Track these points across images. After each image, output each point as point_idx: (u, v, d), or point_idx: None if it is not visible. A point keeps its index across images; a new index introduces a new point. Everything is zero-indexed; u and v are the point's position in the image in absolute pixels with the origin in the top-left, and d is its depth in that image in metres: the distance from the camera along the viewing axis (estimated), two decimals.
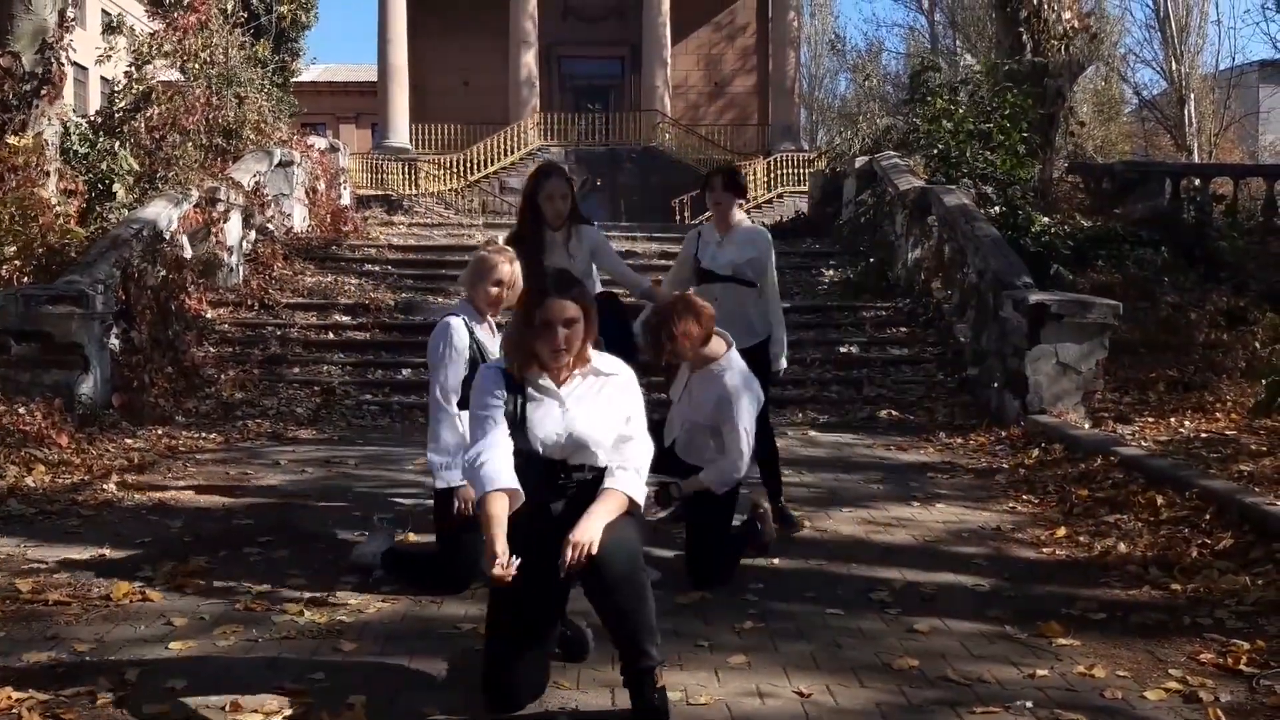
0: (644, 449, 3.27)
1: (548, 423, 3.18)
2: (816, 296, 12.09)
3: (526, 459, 3.17)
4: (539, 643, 3.17)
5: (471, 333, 4.23)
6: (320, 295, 11.56)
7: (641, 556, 3.08)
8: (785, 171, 27.40)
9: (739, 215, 5.39)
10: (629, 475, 3.17)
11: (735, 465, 4.38)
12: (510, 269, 4.27)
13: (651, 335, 4.39)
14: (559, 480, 3.21)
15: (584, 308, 3.17)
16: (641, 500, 3.20)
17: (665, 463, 4.37)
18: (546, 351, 3.15)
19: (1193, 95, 29.69)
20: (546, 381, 3.22)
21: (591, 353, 3.26)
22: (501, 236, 5.26)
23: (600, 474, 3.19)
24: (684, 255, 5.56)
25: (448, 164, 27.43)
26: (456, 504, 4.09)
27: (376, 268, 12.85)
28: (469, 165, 27.36)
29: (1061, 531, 5.23)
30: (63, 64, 10.73)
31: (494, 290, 4.25)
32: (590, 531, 2.96)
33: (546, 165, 5.52)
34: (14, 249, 9.35)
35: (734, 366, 4.43)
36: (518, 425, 3.18)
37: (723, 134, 30.67)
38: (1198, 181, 14.39)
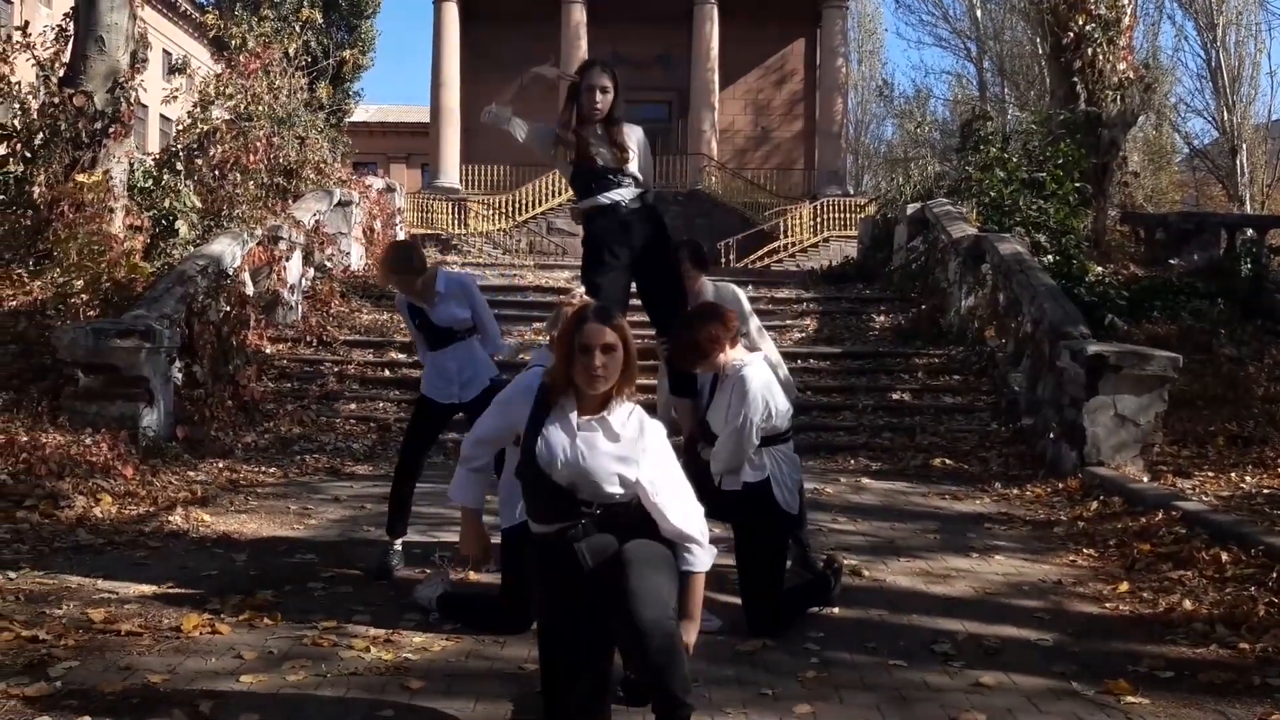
0: (697, 513, 3.28)
1: (555, 448, 3.18)
2: (868, 343, 12.07)
3: (541, 477, 3.19)
4: (592, 681, 3.17)
5: None
6: (376, 333, 11.73)
7: (673, 608, 3.05)
8: (831, 216, 27.48)
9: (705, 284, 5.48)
10: (703, 553, 3.24)
11: (722, 452, 4.37)
12: None
13: (680, 341, 4.41)
14: (580, 509, 3.17)
15: (623, 337, 3.19)
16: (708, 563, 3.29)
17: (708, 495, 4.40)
18: (583, 376, 3.16)
19: (1245, 146, 29.44)
20: (571, 410, 3.23)
21: (628, 404, 3.26)
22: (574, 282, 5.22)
23: (617, 505, 3.18)
24: None
25: (497, 204, 27.76)
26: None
27: None
28: (518, 206, 27.67)
29: (1124, 586, 5.17)
30: (132, 104, 11.06)
31: None
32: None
33: (591, 58, 5.36)
34: (82, 283, 9.60)
35: (757, 364, 4.43)
36: (532, 436, 3.22)
37: (768, 178, 30.84)
38: (1252, 233, 14.24)
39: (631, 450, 3.19)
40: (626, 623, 2.94)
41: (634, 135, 5.23)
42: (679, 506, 3.22)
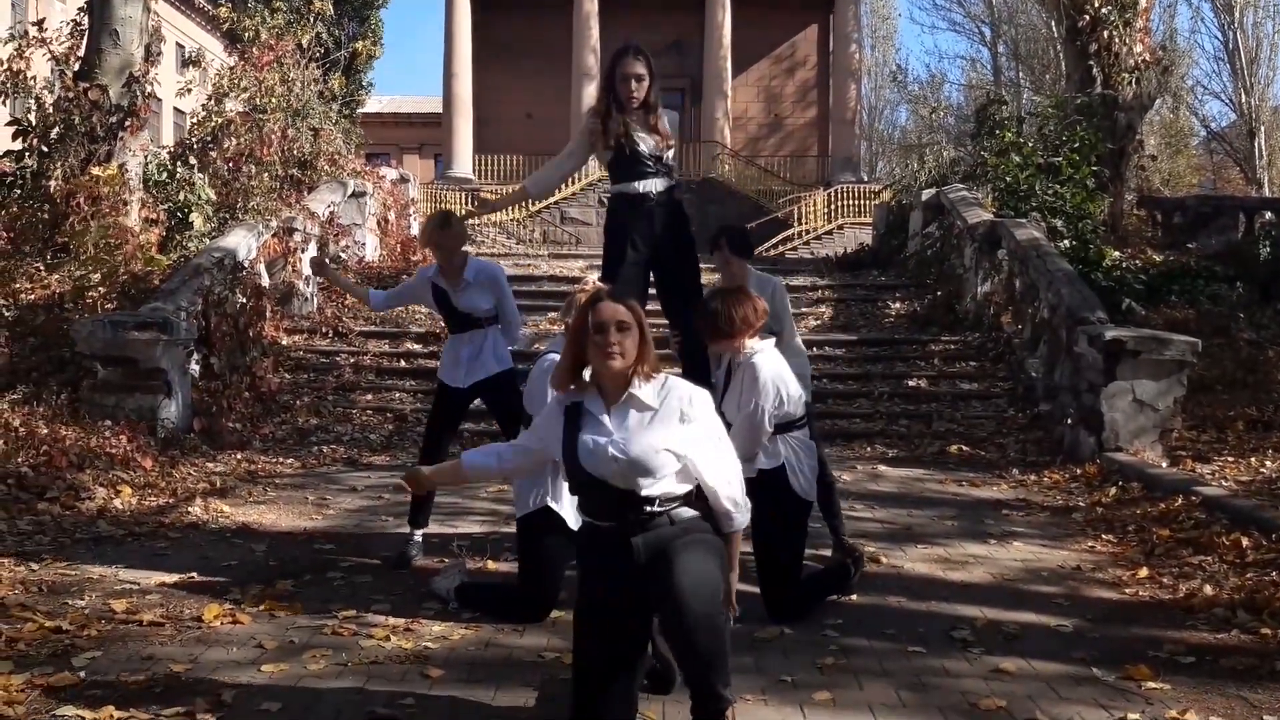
0: (735, 468, 3.29)
1: (598, 451, 3.12)
2: (883, 329, 12.03)
3: (598, 486, 3.15)
4: (626, 674, 3.17)
5: None
6: (392, 323, 11.74)
7: (721, 596, 3.04)
8: (846, 203, 27.39)
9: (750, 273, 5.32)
10: (741, 515, 3.27)
11: (736, 439, 4.14)
12: None
13: (710, 317, 4.35)
14: (641, 511, 3.12)
15: (638, 318, 3.16)
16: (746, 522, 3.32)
17: None
18: (598, 355, 3.11)
19: (1263, 128, 29.21)
20: (600, 411, 3.18)
21: (658, 377, 3.21)
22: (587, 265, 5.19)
23: (679, 499, 3.16)
24: None
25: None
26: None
27: None
28: None
29: (1143, 572, 5.14)
30: (147, 97, 11.08)
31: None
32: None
33: (624, 45, 5.29)
34: (99, 276, 9.64)
35: (768, 351, 4.41)
36: (572, 449, 3.18)
37: (782, 165, 30.75)
38: (1270, 216, 14.11)
39: (671, 420, 3.15)
40: (675, 615, 2.93)
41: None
42: (721, 472, 3.22)
